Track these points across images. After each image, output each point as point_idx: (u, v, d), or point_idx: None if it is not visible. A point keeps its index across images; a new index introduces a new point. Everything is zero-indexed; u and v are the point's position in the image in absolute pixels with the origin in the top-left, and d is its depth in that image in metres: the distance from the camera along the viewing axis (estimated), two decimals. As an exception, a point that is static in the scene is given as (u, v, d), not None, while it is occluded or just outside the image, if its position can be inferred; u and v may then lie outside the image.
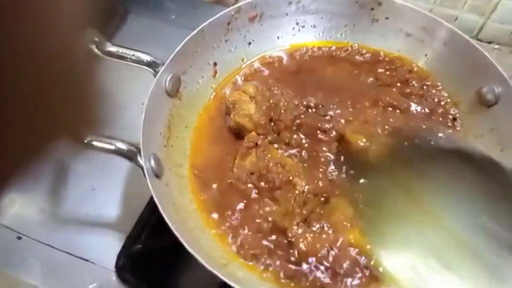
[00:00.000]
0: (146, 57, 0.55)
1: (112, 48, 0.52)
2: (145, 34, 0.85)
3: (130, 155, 0.50)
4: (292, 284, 0.52)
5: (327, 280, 0.53)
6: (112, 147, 0.49)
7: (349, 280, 0.53)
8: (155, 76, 0.56)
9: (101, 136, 0.49)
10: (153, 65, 0.56)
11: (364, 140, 0.56)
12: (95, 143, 0.48)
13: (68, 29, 0.23)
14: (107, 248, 0.65)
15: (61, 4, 0.21)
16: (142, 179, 0.68)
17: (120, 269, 0.62)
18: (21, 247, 0.65)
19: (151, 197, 0.65)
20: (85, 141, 0.48)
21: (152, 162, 0.52)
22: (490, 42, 0.91)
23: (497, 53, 0.90)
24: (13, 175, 0.24)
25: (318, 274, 0.53)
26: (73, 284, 0.63)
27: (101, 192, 0.69)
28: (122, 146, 0.50)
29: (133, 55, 0.54)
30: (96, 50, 0.52)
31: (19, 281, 0.63)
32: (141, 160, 0.50)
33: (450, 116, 0.62)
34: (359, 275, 0.53)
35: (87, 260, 0.64)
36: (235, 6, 0.62)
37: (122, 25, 0.86)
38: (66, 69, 0.28)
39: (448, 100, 0.63)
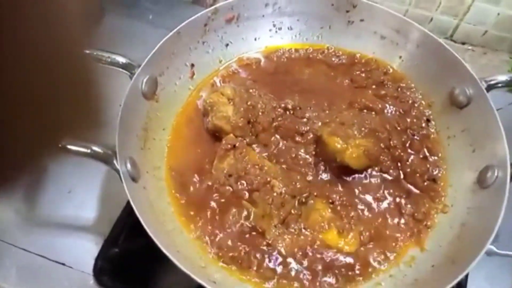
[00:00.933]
0: (121, 59, 0.55)
1: (87, 51, 0.51)
2: (121, 34, 0.84)
3: (106, 159, 0.50)
4: (271, 285, 0.53)
5: (305, 280, 0.53)
6: (88, 151, 0.48)
7: (326, 280, 0.53)
8: (131, 78, 0.56)
9: (76, 139, 0.49)
10: (129, 67, 0.56)
11: (340, 141, 0.57)
12: (70, 146, 0.47)
13: (62, 28, 0.23)
14: (84, 251, 0.64)
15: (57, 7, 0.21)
16: (119, 181, 0.68)
17: (98, 272, 0.61)
18: (-4, 252, 0.64)
19: (128, 201, 0.66)
20: (60, 145, 0.47)
21: (128, 166, 0.52)
22: (463, 43, 0.93)
23: (470, 53, 0.92)
24: None
25: (296, 275, 0.54)
26: (49, 288, 0.62)
27: (78, 195, 0.69)
28: (97, 149, 0.49)
29: (108, 57, 0.53)
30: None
31: (-6, 285, 0.62)
32: (117, 164, 0.50)
33: (424, 117, 0.64)
34: (336, 275, 0.54)
35: (63, 264, 0.63)
36: (212, 7, 0.62)
37: (98, 25, 0.85)
38: (46, 70, 0.27)
39: (422, 101, 0.65)
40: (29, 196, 0.68)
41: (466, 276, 0.56)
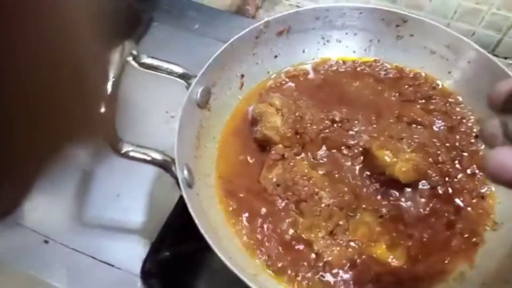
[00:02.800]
0: (178, 69, 0.56)
1: (147, 60, 0.54)
2: (168, 43, 0.86)
3: (165, 165, 0.51)
4: (319, 296, 0.53)
5: (352, 293, 0.54)
6: (148, 158, 0.50)
7: (374, 294, 0.54)
8: (187, 88, 0.57)
9: (136, 146, 0.50)
10: (185, 77, 0.57)
11: (390, 155, 0.57)
12: (132, 154, 0.49)
13: (97, 36, 0.24)
14: (132, 253, 0.66)
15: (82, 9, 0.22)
16: (166, 186, 0.70)
17: (146, 274, 0.63)
18: (48, 251, 0.66)
19: (176, 204, 0.68)
20: (122, 152, 0.49)
21: (185, 172, 0.53)
22: (506, 58, 0.93)
23: (512, 68, 0.92)
24: (38, 179, 0.25)
25: (344, 286, 0.54)
26: (98, 288, 0.64)
27: (126, 198, 0.70)
28: (157, 156, 0.51)
29: (168, 67, 0.55)
30: (132, 61, 0.53)
31: (45, 284, 0.64)
32: (175, 170, 0.52)
33: (473, 134, 0.63)
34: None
35: (112, 265, 0.65)
36: (264, 20, 0.64)
37: (146, 34, 0.88)
38: (97, 77, 0.28)
39: (471, 117, 0.64)
40: (78, 198, 0.70)
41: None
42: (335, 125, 0.64)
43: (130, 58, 0.52)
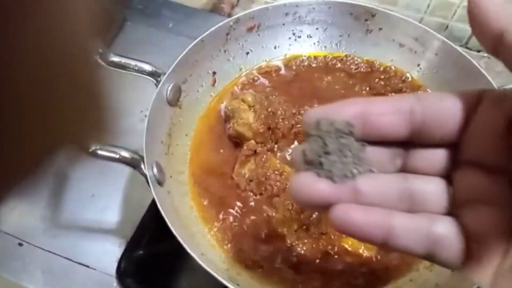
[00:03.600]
0: (147, 67, 0.56)
1: (114, 58, 0.53)
2: (142, 42, 0.86)
3: (134, 163, 0.51)
4: (292, 288, 0.54)
5: (325, 284, 0.54)
6: (116, 156, 0.50)
7: (346, 284, 0.54)
8: (156, 85, 0.57)
9: (104, 144, 0.50)
10: (154, 75, 0.57)
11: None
12: (99, 152, 0.49)
13: (75, 35, 0.24)
14: (107, 254, 0.65)
15: (68, 10, 0.22)
16: (141, 185, 0.70)
17: (121, 274, 0.63)
18: (22, 254, 0.66)
19: (151, 203, 0.67)
20: (90, 150, 0.48)
21: (155, 170, 0.53)
22: (478, 51, 0.94)
23: (486, 61, 0.93)
24: (13, 183, 0.25)
25: (317, 278, 0.55)
26: (74, 290, 0.63)
27: (101, 198, 0.70)
28: (125, 154, 0.51)
29: (136, 65, 0.55)
30: (99, 60, 0.53)
31: (20, 287, 0.64)
32: (144, 168, 0.52)
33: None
34: (356, 278, 0.55)
35: (87, 266, 0.65)
36: (234, 17, 0.64)
37: (120, 33, 0.87)
38: (70, 76, 0.28)
39: (440, 109, 0.65)
40: (53, 200, 0.70)
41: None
42: (306, 119, 0.64)
43: (97, 56, 0.51)
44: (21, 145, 0.22)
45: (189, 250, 0.48)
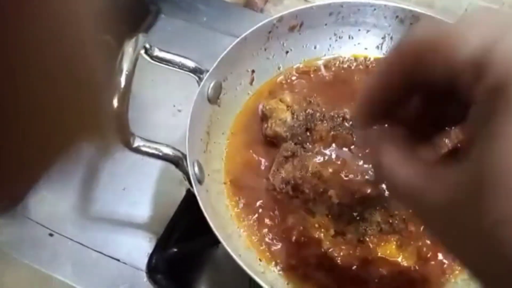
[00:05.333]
0: (191, 64, 0.56)
1: (160, 54, 0.53)
2: (176, 36, 0.85)
3: (176, 161, 0.51)
4: (328, 295, 0.53)
5: (362, 292, 0.53)
6: (159, 153, 0.49)
7: (383, 294, 0.53)
8: (198, 82, 0.57)
9: (147, 141, 0.50)
10: (197, 72, 0.56)
11: (402, 155, 0.57)
12: (143, 148, 0.48)
13: (98, 30, 0.23)
14: (137, 248, 0.65)
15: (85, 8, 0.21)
16: (172, 180, 0.69)
17: (152, 270, 0.63)
18: (53, 244, 0.66)
19: (182, 200, 0.67)
20: (133, 147, 0.48)
21: (196, 169, 0.52)
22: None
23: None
24: (44, 172, 0.24)
25: (351, 286, 0.54)
26: (103, 283, 0.63)
27: (132, 192, 0.70)
28: (168, 151, 0.50)
29: (180, 61, 0.54)
30: (144, 55, 0.52)
31: (50, 277, 0.64)
32: (186, 166, 0.51)
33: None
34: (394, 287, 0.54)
35: (118, 260, 0.65)
36: (277, 15, 0.63)
37: (154, 26, 0.87)
38: (109, 71, 0.28)
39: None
40: (84, 192, 0.70)
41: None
42: (345, 122, 0.63)
43: (142, 51, 0.51)
44: (49, 134, 0.22)
45: (230, 251, 0.47)
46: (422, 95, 0.30)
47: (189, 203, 0.66)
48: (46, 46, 0.18)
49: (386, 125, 0.32)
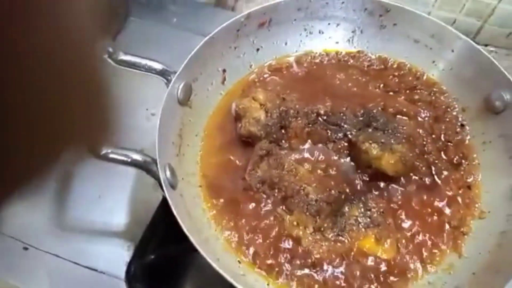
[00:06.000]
0: (158, 66, 0.54)
1: (124, 57, 0.51)
2: (146, 38, 0.84)
3: (146, 167, 0.50)
4: (309, 293, 0.53)
5: (343, 287, 0.53)
6: (128, 159, 0.48)
7: (364, 286, 0.53)
8: (167, 84, 0.56)
9: (116, 148, 0.48)
10: (165, 74, 0.55)
11: (376, 147, 0.57)
12: (111, 155, 0.47)
13: (82, 35, 0.23)
14: (115, 257, 0.64)
15: (73, 10, 0.21)
16: (148, 186, 0.68)
17: (131, 279, 0.61)
18: (28, 258, 0.64)
19: (159, 206, 0.66)
20: (101, 154, 0.47)
21: (168, 173, 0.51)
22: (486, 45, 0.93)
23: (493, 55, 0.91)
24: (18, 185, 0.24)
25: (333, 281, 0.54)
26: (82, 294, 0.62)
27: (108, 200, 0.68)
28: (137, 157, 0.49)
29: (146, 64, 0.53)
30: (108, 59, 0.51)
31: (26, 292, 0.62)
32: (157, 171, 0.50)
33: (459, 123, 0.63)
34: (373, 281, 0.54)
35: (95, 270, 0.63)
36: (245, 13, 0.62)
37: (123, 29, 0.85)
38: (78, 76, 0.27)
39: (456, 106, 0.64)
40: (59, 201, 0.68)
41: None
42: (320, 118, 0.63)
43: (105, 56, 0.49)
44: (28, 148, 0.21)
45: (205, 256, 0.46)
46: None
47: (166, 208, 0.64)
48: (53, 47, 0.18)
49: None
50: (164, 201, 0.65)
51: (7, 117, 0.19)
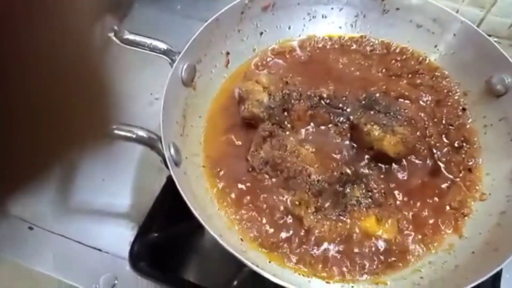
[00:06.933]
0: (162, 45, 0.55)
1: (130, 36, 0.52)
2: (150, 25, 0.85)
3: (151, 143, 0.50)
4: (310, 270, 0.53)
5: (344, 266, 0.54)
6: (133, 136, 0.49)
7: (365, 265, 0.54)
8: (171, 64, 0.56)
9: (121, 124, 0.49)
10: (169, 54, 0.56)
11: (378, 129, 0.57)
12: (116, 131, 0.47)
13: (85, 20, 0.23)
14: (119, 237, 0.65)
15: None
16: (151, 169, 0.69)
17: (134, 258, 0.62)
18: (33, 238, 0.65)
19: (163, 186, 0.66)
20: (107, 131, 0.47)
21: (172, 150, 0.52)
22: (489, 35, 0.92)
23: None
24: (24, 169, 0.24)
25: (335, 260, 0.54)
26: (86, 273, 0.62)
27: (112, 183, 0.69)
28: (142, 134, 0.50)
29: (151, 43, 0.53)
30: (114, 38, 0.51)
31: (32, 271, 0.63)
32: (161, 148, 0.50)
33: (460, 107, 0.64)
34: (375, 260, 0.54)
35: (100, 250, 0.64)
36: (249, -5, 0.63)
37: (127, 16, 0.86)
38: (83, 60, 0.28)
39: (458, 90, 0.65)
40: (64, 183, 0.69)
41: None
42: (322, 101, 0.63)
43: (111, 34, 0.50)
44: (30, 131, 0.22)
45: (210, 231, 0.47)
46: None
47: (170, 190, 0.65)
48: (54, 44, 0.18)
49: None
50: (168, 183, 0.66)
51: (11, 108, 0.19)
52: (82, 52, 0.23)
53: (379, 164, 0.59)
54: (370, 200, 0.57)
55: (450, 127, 0.63)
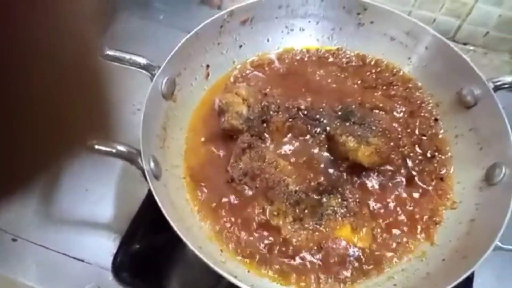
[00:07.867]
0: (142, 61, 0.56)
1: (109, 52, 0.53)
2: (133, 34, 0.85)
3: (131, 158, 0.51)
4: (288, 279, 0.55)
5: (320, 273, 0.55)
6: (113, 150, 0.50)
7: (340, 273, 0.56)
8: (151, 79, 0.57)
9: (101, 139, 0.50)
10: (149, 68, 0.57)
11: (353, 140, 0.59)
12: (96, 146, 0.48)
13: (77, 32, 0.24)
14: (102, 248, 0.65)
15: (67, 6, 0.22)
16: (134, 178, 0.70)
17: (117, 268, 0.63)
18: (17, 249, 0.65)
19: (145, 197, 0.68)
20: (86, 145, 0.48)
21: (152, 164, 0.53)
22: (465, 44, 0.95)
23: (471, 54, 0.94)
24: (9, 181, 0.25)
25: (311, 268, 0.56)
26: (69, 284, 0.63)
27: (95, 193, 0.70)
28: (122, 149, 0.51)
29: (130, 58, 0.55)
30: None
31: (15, 282, 0.63)
32: (141, 162, 0.52)
33: (432, 117, 0.66)
34: (349, 268, 0.56)
35: (82, 260, 0.65)
36: (228, 10, 0.64)
37: (110, 25, 0.86)
38: (59, 73, 0.28)
39: (430, 101, 0.67)
40: (47, 194, 0.69)
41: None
42: (300, 113, 0.65)
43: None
44: (13, 142, 0.22)
45: (188, 243, 0.48)
46: None
47: (152, 200, 0.66)
48: (55, 45, 0.19)
49: None
50: (150, 193, 0.67)
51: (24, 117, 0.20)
52: (75, 61, 0.23)
53: (355, 174, 0.61)
54: (345, 209, 0.59)
55: (423, 137, 0.65)
